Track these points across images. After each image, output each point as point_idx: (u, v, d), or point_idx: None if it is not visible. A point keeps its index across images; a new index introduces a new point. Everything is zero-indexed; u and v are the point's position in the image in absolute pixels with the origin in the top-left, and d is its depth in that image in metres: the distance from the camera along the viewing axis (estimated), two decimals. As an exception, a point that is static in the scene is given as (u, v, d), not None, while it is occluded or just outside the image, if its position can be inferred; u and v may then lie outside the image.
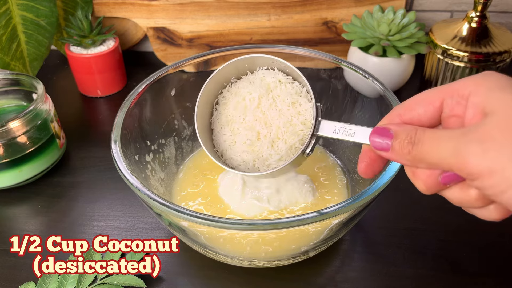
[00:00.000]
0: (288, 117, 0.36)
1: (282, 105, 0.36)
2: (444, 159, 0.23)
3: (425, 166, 0.25)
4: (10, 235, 0.45)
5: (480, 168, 0.21)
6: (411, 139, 0.24)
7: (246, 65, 0.39)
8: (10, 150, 0.47)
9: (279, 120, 0.36)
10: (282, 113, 0.36)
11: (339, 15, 0.65)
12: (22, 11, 0.58)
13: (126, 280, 0.39)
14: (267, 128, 0.36)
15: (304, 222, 0.31)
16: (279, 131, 0.36)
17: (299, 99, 0.36)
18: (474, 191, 0.24)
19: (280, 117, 0.36)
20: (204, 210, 0.44)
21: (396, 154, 0.25)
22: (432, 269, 0.40)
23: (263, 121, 0.36)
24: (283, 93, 0.37)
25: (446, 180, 0.24)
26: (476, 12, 0.55)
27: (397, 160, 0.26)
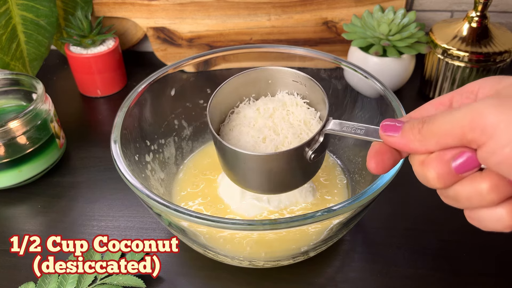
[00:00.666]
0: (297, 130, 0.36)
1: (294, 120, 0.36)
2: (457, 121, 0.22)
3: (435, 143, 0.23)
4: (10, 235, 0.45)
5: (496, 120, 0.20)
6: (422, 119, 0.24)
7: (269, 81, 0.38)
8: (10, 150, 0.47)
9: (288, 131, 0.35)
10: (293, 126, 0.36)
11: (339, 15, 0.65)
12: (22, 11, 0.58)
13: (126, 280, 0.39)
14: (275, 134, 0.35)
15: (304, 222, 0.31)
16: (285, 140, 0.35)
17: (312, 120, 0.36)
18: (486, 183, 0.22)
19: (289, 129, 0.35)
20: (204, 210, 0.44)
21: (405, 136, 0.24)
22: (432, 269, 0.40)
23: (272, 129, 0.36)
24: (298, 111, 0.37)
25: (460, 167, 0.22)
26: (476, 12, 0.55)
27: (406, 144, 0.24)
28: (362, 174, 0.44)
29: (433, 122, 0.23)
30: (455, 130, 0.22)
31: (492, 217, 0.23)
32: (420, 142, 0.24)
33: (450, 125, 0.22)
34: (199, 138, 0.52)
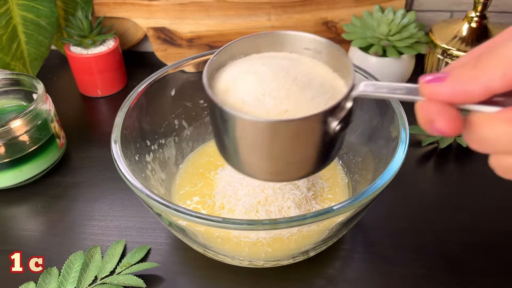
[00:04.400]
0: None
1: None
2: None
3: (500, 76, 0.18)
4: (10, 235, 0.45)
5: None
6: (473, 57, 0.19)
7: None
8: (10, 150, 0.47)
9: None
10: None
11: (339, 15, 0.65)
12: (22, 11, 0.58)
13: (126, 280, 0.39)
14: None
15: (304, 222, 0.31)
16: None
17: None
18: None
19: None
20: (201, 208, 0.44)
21: (456, 79, 0.19)
22: (432, 269, 0.40)
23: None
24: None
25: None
26: (476, 12, 0.55)
27: (458, 90, 0.19)
28: (362, 173, 0.44)
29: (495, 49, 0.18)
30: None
31: None
32: (478, 79, 0.18)
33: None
34: (199, 138, 0.52)
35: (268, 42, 0.31)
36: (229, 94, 0.28)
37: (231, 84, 0.28)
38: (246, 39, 0.31)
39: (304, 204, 0.42)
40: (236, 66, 0.30)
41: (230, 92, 0.28)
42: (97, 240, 0.44)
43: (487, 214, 0.45)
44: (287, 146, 0.26)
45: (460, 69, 0.19)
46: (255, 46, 0.31)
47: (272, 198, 0.42)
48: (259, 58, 0.31)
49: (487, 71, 0.18)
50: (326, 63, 0.30)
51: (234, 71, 0.29)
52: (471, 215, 0.45)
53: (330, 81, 0.29)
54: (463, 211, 0.45)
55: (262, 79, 0.27)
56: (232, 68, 0.30)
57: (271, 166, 0.28)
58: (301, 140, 0.26)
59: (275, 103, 0.26)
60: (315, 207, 0.43)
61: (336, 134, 0.26)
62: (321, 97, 0.27)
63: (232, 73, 0.29)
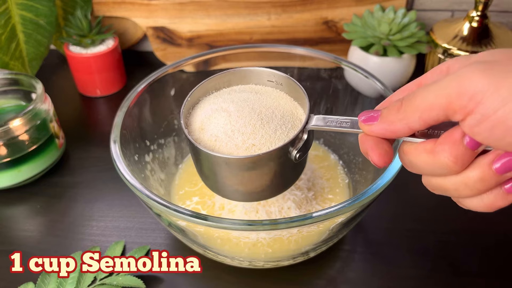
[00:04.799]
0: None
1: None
2: (442, 90, 0.20)
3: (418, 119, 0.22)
4: (10, 235, 0.45)
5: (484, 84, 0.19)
6: (399, 100, 0.23)
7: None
8: (9, 150, 0.47)
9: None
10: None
11: (340, 14, 0.65)
12: (21, 10, 0.58)
13: (126, 281, 0.39)
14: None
15: (304, 222, 0.31)
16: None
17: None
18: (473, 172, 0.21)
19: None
20: (201, 209, 0.43)
21: (385, 120, 0.23)
22: (432, 269, 0.40)
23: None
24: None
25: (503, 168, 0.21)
26: (477, 12, 0.55)
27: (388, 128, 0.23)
28: (363, 174, 0.44)
29: (413, 96, 0.22)
30: (440, 100, 0.20)
31: (478, 204, 0.23)
32: (401, 121, 0.22)
33: (433, 96, 0.21)
34: (199, 138, 0.52)
35: (237, 78, 0.36)
36: (204, 131, 0.33)
37: (205, 122, 0.33)
38: (217, 76, 0.36)
39: (304, 204, 0.42)
40: (209, 102, 0.35)
41: (204, 129, 0.33)
42: (96, 241, 0.44)
43: (488, 215, 0.45)
44: (254, 175, 0.31)
45: (388, 111, 0.23)
46: (225, 81, 0.36)
47: (272, 199, 0.42)
48: (228, 93, 0.35)
49: (407, 114, 0.22)
50: (287, 93, 0.35)
51: (208, 109, 0.34)
52: (471, 216, 0.45)
53: (291, 110, 0.34)
54: (464, 212, 0.45)
55: (231, 117, 0.32)
56: (205, 105, 0.35)
57: (241, 190, 0.33)
58: (266, 169, 0.31)
59: (243, 138, 0.31)
60: (315, 207, 0.43)
61: (297, 160, 0.31)
62: (282, 128, 0.32)
63: (206, 111, 0.34)
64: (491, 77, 0.19)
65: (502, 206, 0.23)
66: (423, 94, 0.21)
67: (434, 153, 0.22)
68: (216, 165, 0.31)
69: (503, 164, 0.21)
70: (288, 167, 0.32)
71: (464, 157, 0.21)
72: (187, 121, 0.34)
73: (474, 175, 0.22)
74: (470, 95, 0.19)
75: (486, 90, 0.19)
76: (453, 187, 0.23)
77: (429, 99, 0.21)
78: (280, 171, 0.32)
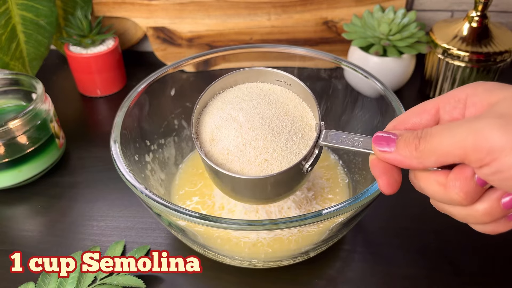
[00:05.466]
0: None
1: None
2: (459, 142, 0.21)
3: (433, 161, 0.22)
4: (10, 235, 0.45)
5: (502, 142, 0.19)
6: (417, 135, 0.23)
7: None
8: (10, 150, 0.47)
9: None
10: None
11: (340, 14, 0.65)
12: (21, 10, 0.58)
13: (126, 281, 0.39)
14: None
15: (304, 222, 0.31)
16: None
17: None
18: (482, 205, 0.22)
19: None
20: (200, 209, 0.43)
21: (401, 153, 0.24)
22: (432, 269, 0.40)
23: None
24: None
25: (482, 182, 0.22)
26: (476, 12, 0.55)
27: (403, 161, 0.24)
28: (363, 174, 0.44)
29: (430, 139, 0.22)
30: (456, 150, 0.21)
31: (483, 229, 0.24)
32: (418, 160, 0.23)
33: (450, 144, 0.21)
34: (199, 138, 0.52)
35: (244, 77, 0.36)
36: (214, 143, 0.33)
37: (215, 132, 0.33)
38: (224, 78, 0.35)
39: (304, 204, 0.42)
40: (218, 108, 0.35)
41: (215, 141, 0.33)
42: (97, 241, 0.44)
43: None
44: (265, 188, 0.32)
45: (404, 145, 0.24)
46: (232, 81, 0.36)
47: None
48: (236, 95, 0.35)
49: (423, 155, 0.23)
50: (295, 93, 0.35)
51: (217, 117, 0.34)
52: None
53: (300, 115, 0.34)
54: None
55: (242, 129, 0.32)
56: (214, 110, 0.35)
57: (251, 199, 0.35)
58: (277, 183, 0.32)
59: (255, 153, 0.32)
60: (315, 207, 0.43)
61: (308, 172, 0.32)
62: (293, 139, 0.32)
63: (215, 120, 0.34)
64: (508, 136, 0.19)
65: (503, 231, 0.24)
66: (440, 140, 0.22)
67: (446, 186, 0.23)
68: (228, 179, 0.32)
69: (511, 200, 0.22)
70: (298, 177, 0.33)
71: (474, 193, 0.22)
72: (197, 129, 0.34)
73: (482, 208, 0.22)
74: (487, 151, 0.20)
75: (502, 149, 0.20)
76: (460, 216, 0.24)
77: (445, 146, 0.22)
78: (291, 182, 0.33)
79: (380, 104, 0.43)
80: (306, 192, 0.44)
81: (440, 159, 0.22)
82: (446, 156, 0.22)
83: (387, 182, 0.25)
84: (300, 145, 0.32)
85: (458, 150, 0.21)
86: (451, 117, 0.24)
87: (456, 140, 0.21)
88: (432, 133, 0.22)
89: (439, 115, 0.25)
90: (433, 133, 0.22)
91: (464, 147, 0.21)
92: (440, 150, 0.22)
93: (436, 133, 0.22)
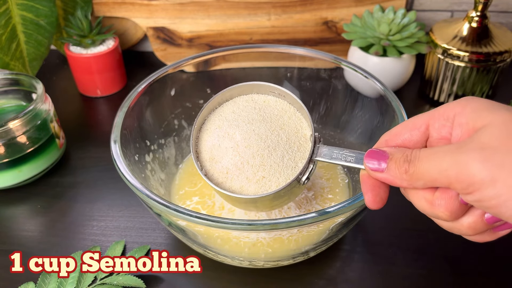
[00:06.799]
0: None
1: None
2: (444, 171, 0.22)
3: (422, 184, 0.24)
4: (10, 235, 0.45)
5: (482, 176, 0.21)
6: (407, 158, 0.25)
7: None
8: (10, 150, 0.47)
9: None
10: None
11: (339, 14, 0.65)
12: (21, 10, 0.58)
13: (126, 280, 0.39)
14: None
15: (304, 222, 0.31)
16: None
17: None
18: (466, 220, 0.24)
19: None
20: (201, 209, 0.43)
21: (392, 174, 0.25)
22: (432, 269, 0.40)
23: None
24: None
25: (492, 220, 0.24)
26: (476, 12, 0.55)
27: (393, 181, 0.25)
28: (362, 174, 0.44)
29: (419, 165, 0.24)
30: (442, 179, 0.23)
31: (470, 238, 0.26)
32: (407, 182, 0.25)
33: (436, 173, 0.23)
34: (199, 138, 0.52)
35: (240, 90, 0.37)
36: (214, 162, 0.34)
37: (214, 151, 0.35)
38: (219, 94, 0.37)
39: (304, 204, 0.42)
40: (215, 125, 0.36)
41: (215, 160, 0.35)
42: (97, 241, 0.44)
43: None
44: (265, 203, 0.34)
45: (395, 167, 0.25)
46: (228, 95, 0.37)
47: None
48: (232, 111, 0.36)
49: (412, 179, 0.24)
50: (290, 103, 0.36)
51: (214, 135, 0.35)
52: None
53: (295, 126, 0.35)
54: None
55: (239, 148, 0.34)
56: (212, 127, 0.36)
57: (253, 208, 0.37)
58: (276, 197, 0.33)
59: (253, 171, 0.33)
60: (315, 207, 0.43)
61: (304, 184, 0.33)
62: (289, 153, 0.33)
63: (213, 138, 0.35)
64: (488, 170, 0.21)
65: (490, 240, 0.25)
66: (428, 167, 0.23)
67: (432, 204, 0.24)
68: (229, 197, 0.34)
69: (493, 216, 0.23)
70: (296, 189, 0.34)
71: (458, 211, 0.24)
72: (197, 148, 0.36)
73: (466, 223, 0.24)
74: (469, 183, 0.21)
75: (483, 182, 0.21)
76: (447, 227, 0.26)
77: (432, 174, 0.23)
78: (289, 194, 0.34)
79: (380, 104, 0.43)
80: (306, 192, 0.44)
81: (427, 184, 0.24)
82: (433, 182, 0.23)
83: (373, 200, 0.27)
84: (296, 158, 0.33)
85: (444, 179, 0.23)
86: (440, 135, 0.26)
87: (441, 169, 0.22)
88: (420, 158, 0.24)
89: (428, 132, 0.26)
90: (421, 158, 0.24)
91: (448, 176, 0.22)
92: (427, 177, 0.23)
93: (424, 157, 0.24)
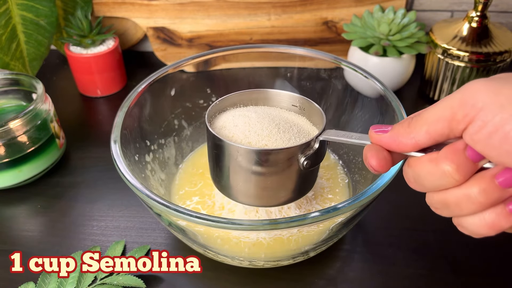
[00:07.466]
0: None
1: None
2: (447, 103, 0.22)
3: (424, 133, 0.23)
4: (10, 235, 0.45)
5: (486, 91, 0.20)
6: (410, 116, 0.25)
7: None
8: (10, 150, 0.47)
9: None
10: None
11: (339, 14, 0.65)
12: (21, 11, 0.58)
13: (126, 280, 0.39)
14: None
15: (304, 222, 0.31)
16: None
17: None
18: (476, 187, 0.22)
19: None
20: (201, 209, 0.43)
21: (395, 132, 0.25)
22: (432, 269, 0.40)
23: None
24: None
25: (506, 182, 0.22)
26: (476, 12, 0.55)
27: (396, 140, 0.25)
28: (363, 174, 0.44)
29: (422, 112, 0.24)
30: (445, 112, 0.22)
31: (480, 223, 0.23)
32: (409, 135, 0.24)
33: (439, 108, 0.22)
34: (199, 138, 0.52)
35: (263, 97, 0.39)
36: (224, 129, 0.35)
37: (227, 123, 0.36)
38: (245, 92, 0.38)
39: (304, 204, 0.42)
40: (235, 112, 0.37)
41: (225, 128, 0.35)
42: (97, 241, 0.44)
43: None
44: (263, 171, 0.33)
45: (398, 126, 0.25)
46: (252, 98, 0.39)
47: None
48: (253, 107, 0.38)
49: (415, 128, 0.24)
50: (308, 118, 0.38)
51: (230, 114, 0.37)
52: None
53: (308, 130, 0.36)
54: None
55: (250, 121, 0.35)
56: (230, 111, 0.38)
57: (249, 189, 0.35)
58: (274, 168, 0.33)
59: (257, 138, 0.34)
60: (315, 207, 0.43)
61: (306, 169, 0.33)
62: (296, 139, 0.34)
63: (229, 116, 0.37)
64: (491, 86, 0.20)
65: (504, 228, 0.23)
66: (431, 109, 0.23)
67: (437, 161, 0.23)
68: (227, 155, 0.33)
69: (506, 179, 0.21)
70: (297, 176, 0.34)
71: (465, 167, 0.22)
72: (211, 121, 0.37)
73: (477, 187, 0.22)
74: (472, 103, 0.21)
75: (485, 97, 0.20)
76: (455, 200, 0.23)
77: (435, 112, 0.23)
78: (288, 177, 0.34)
79: (380, 104, 0.43)
80: (306, 192, 0.44)
81: (431, 128, 0.23)
82: (436, 122, 0.22)
83: (377, 158, 0.26)
84: (301, 142, 0.34)
85: (447, 111, 0.22)
86: None
87: (445, 101, 0.22)
88: (424, 109, 0.24)
89: None
90: (425, 109, 0.24)
91: (451, 106, 0.22)
92: (431, 118, 0.23)
93: (427, 108, 0.23)
